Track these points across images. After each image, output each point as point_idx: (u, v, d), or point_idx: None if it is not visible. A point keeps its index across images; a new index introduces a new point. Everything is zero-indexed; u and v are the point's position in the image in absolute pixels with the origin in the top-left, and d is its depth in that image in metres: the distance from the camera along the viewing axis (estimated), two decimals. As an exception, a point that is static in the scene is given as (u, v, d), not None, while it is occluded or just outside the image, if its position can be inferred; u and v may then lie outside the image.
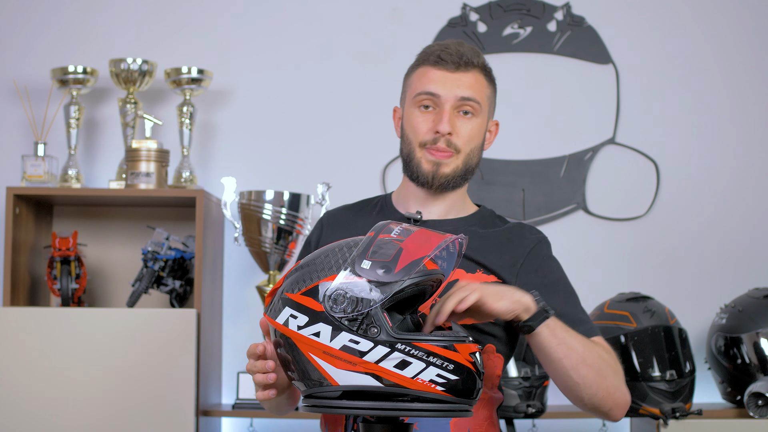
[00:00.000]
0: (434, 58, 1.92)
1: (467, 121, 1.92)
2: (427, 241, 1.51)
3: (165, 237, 3.13)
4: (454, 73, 1.91)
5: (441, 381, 1.46)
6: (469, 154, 1.94)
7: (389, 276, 1.47)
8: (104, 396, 2.89)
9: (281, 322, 1.53)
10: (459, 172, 1.93)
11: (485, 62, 1.96)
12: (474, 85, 1.92)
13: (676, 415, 2.87)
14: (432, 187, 1.93)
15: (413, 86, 1.95)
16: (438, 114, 1.90)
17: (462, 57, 1.91)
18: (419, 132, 1.92)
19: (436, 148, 1.90)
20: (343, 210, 2.06)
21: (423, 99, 1.91)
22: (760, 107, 3.45)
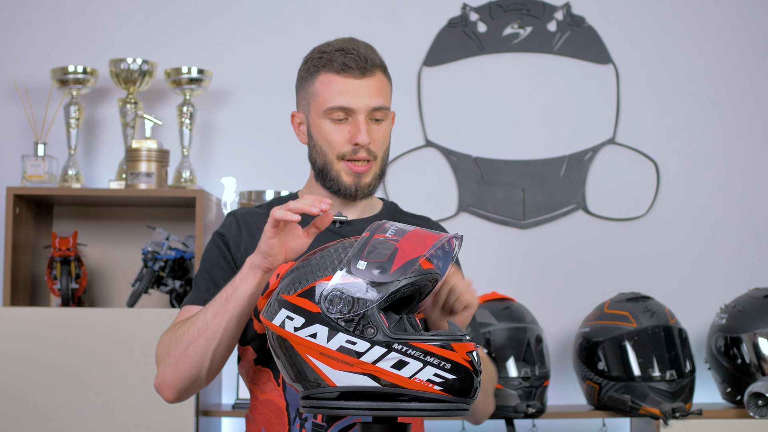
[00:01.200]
0: (338, 65, 1.90)
1: (379, 126, 1.93)
2: (422, 241, 1.52)
3: (165, 237, 3.13)
4: (361, 80, 1.90)
5: (438, 380, 1.46)
6: (383, 158, 1.96)
7: (385, 276, 1.47)
8: (104, 396, 2.89)
9: (277, 324, 1.53)
10: (377, 177, 1.95)
11: (382, 59, 1.96)
12: (381, 90, 1.92)
13: (676, 415, 2.87)
14: (356, 198, 1.95)
15: (320, 97, 1.92)
16: (353, 125, 1.90)
17: (366, 60, 1.91)
18: (335, 144, 1.91)
19: (356, 158, 1.91)
20: (252, 211, 2.00)
21: (335, 113, 1.90)
22: (761, 107, 3.45)
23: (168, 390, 1.82)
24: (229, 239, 1.95)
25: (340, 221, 1.93)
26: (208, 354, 1.77)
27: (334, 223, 1.93)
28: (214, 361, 1.78)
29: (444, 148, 3.40)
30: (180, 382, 1.80)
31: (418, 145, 3.43)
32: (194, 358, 1.77)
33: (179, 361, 1.78)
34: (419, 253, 1.49)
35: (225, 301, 1.75)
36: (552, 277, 3.37)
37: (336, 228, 1.94)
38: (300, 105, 2.00)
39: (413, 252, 1.49)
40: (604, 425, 3.17)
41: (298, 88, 2.00)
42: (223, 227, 1.98)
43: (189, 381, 1.80)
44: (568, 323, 3.29)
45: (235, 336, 1.78)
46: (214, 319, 1.75)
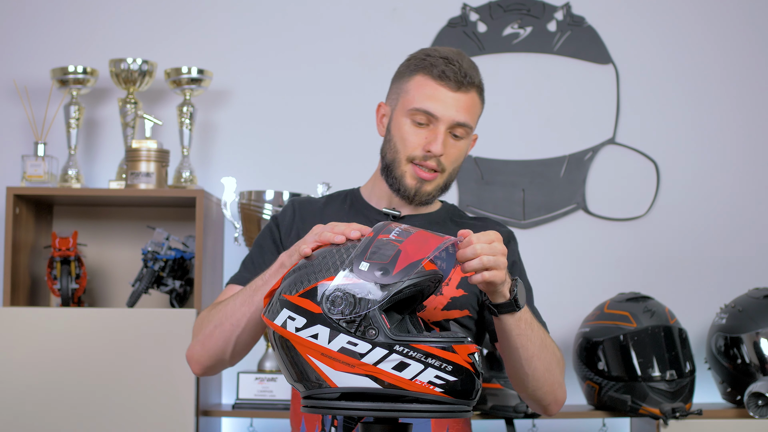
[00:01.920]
0: (437, 71, 1.90)
1: (456, 143, 1.93)
2: (425, 243, 1.52)
3: (165, 237, 3.13)
4: (455, 93, 1.90)
5: (439, 382, 1.46)
6: (452, 173, 1.96)
7: (387, 278, 1.47)
8: (104, 396, 2.89)
9: (279, 324, 1.53)
10: (439, 189, 1.96)
11: (481, 79, 1.96)
12: (470, 109, 1.92)
13: (676, 415, 2.87)
14: (412, 202, 1.96)
15: (410, 96, 1.93)
16: (432, 132, 1.90)
17: (466, 76, 1.90)
18: (409, 146, 1.92)
19: (424, 165, 1.91)
20: (312, 201, 2.05)
21: (418, 115, 1.91)
22: (761, 107, 3.45)
23: (195, 364, 1.90)
24: (281, 223, 1.99)
25: (392, 215, 1.94)
26: (231, 339, 1.82)
27: (386, 216, 1.95)
28: (237, 346, 1.84)
29: (444, 148, 3.40)
30: (205, 360, 1.88)
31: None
32: (219, 341, 1.83)
33: (207, 339, 1.85)
34: (422, 256, 1.49)
35: (253, 292, 1.79)
36: (552, 277, 3.37)
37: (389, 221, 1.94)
38: (389, 98, 2.00)
39: (416, 254, 1.49)
40: (604, 425, 3.17)
41: (393, 81, 2.00)
42: (280, 213, 2.02)
43: (214, 360, 1.87)
44: (568, 323, 3.29)
45: (260, 326, 1.81)
46: (241, 307, 1.80)
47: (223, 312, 1.83)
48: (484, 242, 1.64)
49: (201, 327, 1.88)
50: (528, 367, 1.82)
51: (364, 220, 1.95)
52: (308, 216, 1.98)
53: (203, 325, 1.87)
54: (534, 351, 1.81)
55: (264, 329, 1.84)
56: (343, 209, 2.02)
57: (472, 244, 1.63)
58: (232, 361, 1.87)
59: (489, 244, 1.64)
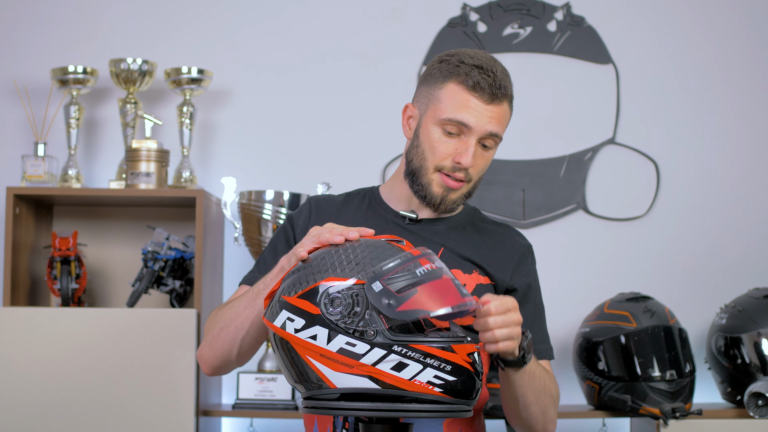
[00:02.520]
0: (472, 82, 1.85)
1: (485, 153, 1.90)
2: (444, 296, 1.49)
3: (165, 237, 3.13)
4: (488, 105, 1.85)
5: (439, 382, 1.46)
6: (477, 182, 1.93)
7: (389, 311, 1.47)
8: (104, 396, 2.89)
9: (278, 325, 1.53)
10: (464, 197, 1.93)
11: (512, 89, 1.92)
12: (502, 119, 1.88)
13: (676, 415, 2.87)
14: (437, 210, 1.93)
15: (443, 105, 1.87)
16: (463, 144, 1.86)
17: (500, 88, 1.86)
18: (439, 155, 1.87)
19: (453, 176, 1.88)
20: (331, 200, 2.03)
21: (450, 126, 1.86)
22: (761, 107, 3.45)
23: (204, 364, 1.91)
24: (296, 223, 1.98)
25: (409, 218, 1.93)
26: (236, 341, 1.82)
27: (403, 219, 1.94)
28: (242, 347, 1.84)
29: (444, 148, 3.40)
30: (213, 360, 1.88)
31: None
32: (225, 342, 1.84)
33: (214, 340, 1.86)
34: (429, 309, 1.47)
35: (255, 295, 1.79)
36: (552, 277, 3.37)
37: (405, 224, 1.94)
38: (418, 100, 1.94)
39: (427, 303, 1.48)
40: (604, 425, 3.17)
41: (422, 82, 1.94)
42: (296, 212, 2.01)
43: (221, 361, 1.88)
44: (568, 323, 3.28)
45: (263, 328, 1.81)
46: (245, 310, 1.80)
47: (228, 314, 1.84)
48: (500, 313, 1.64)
49: (210, 328, 1.89)
50: (524, 412, 1.85)
51: (381, 221, 1.94)
52: (325, 215, 1.96)
53: (212, 325, 1.88)
54: (532, 398, 1.83)
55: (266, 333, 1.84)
56: (360, 209, 1.99)
57: (487, 318, 1.64)
58: (240, 361, 1.88)
59: (504, 314, 1.65)
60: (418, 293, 1.48)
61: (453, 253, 1.91)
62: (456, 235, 1.94)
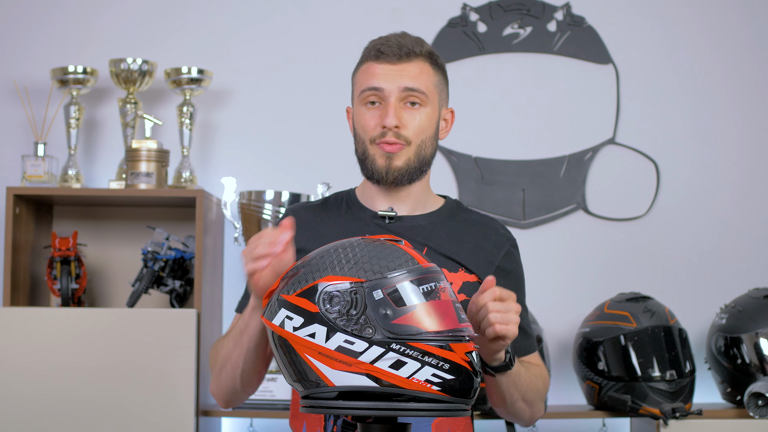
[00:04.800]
0: (375, 52, 1.90)
1: (415, 111, 1.89)
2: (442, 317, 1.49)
3: (165, 237, 3.13)
4: (396, 65, 1.89)
5: (437, 381, 1.46)
6: (421, 146, 1.91)
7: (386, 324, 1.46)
8: (104, 396, 2.89)
9: (277, 324, 1.53)
10: (413, 164, 1.90)
11: (431, 49, 1.94)
12: (419, 75, 1.89)
13: (676, 415, 2.87)
14: (387, 182, 1.91)
15: (358, 83, 1.94)
16: (384, 108, 1.89)
17: (402, 48, 1.89)
18: (368, 128, 1.91)
19: (385, 141, 1.88)
20: (308, 209, 2.02)
21: (368, 95, 1.90)
22: (761, 107, 3.45)
23: (217, 400, 1.95)
24: None
25: (388, 216, 1.92)
26: (236, 378, 1.86)
27: (383, 219, 1.93)
28: (243, 381, 1.87)
29: (444, 148, 3.40)
30: (223, 396, 1.92)
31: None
32: (227, 381, 1.88)
33: (217, 379, 1.91)
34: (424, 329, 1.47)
35: (239, 335, 1.81)
36: (552, 277, 3.37)
37: (385, 224, 1.93)
38: (351, 99, 2.00)
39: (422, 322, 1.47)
40: (604, 425, 3.17)
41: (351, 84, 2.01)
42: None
43: (229, 395, 1.92)
44: (568, 323, 3.29)
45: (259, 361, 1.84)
46: (234, 350, 1.83)
47: (222, 355, 1.87)
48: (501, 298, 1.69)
49: (212, 365, 1.94)
50: (511, 407, 1.89)
51: (361, 224, 1.93)
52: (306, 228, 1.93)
53: (213, 363, 1.93)
54: (519, 395, 1.86)
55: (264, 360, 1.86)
56: (340, 214, 1.99)
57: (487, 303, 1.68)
58: (247, 391, 1.91)
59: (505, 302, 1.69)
60: (416, 310, 1.48)
61: (437, 252, 1.90)
62: (439, 231, 1.93)
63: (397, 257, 1.53)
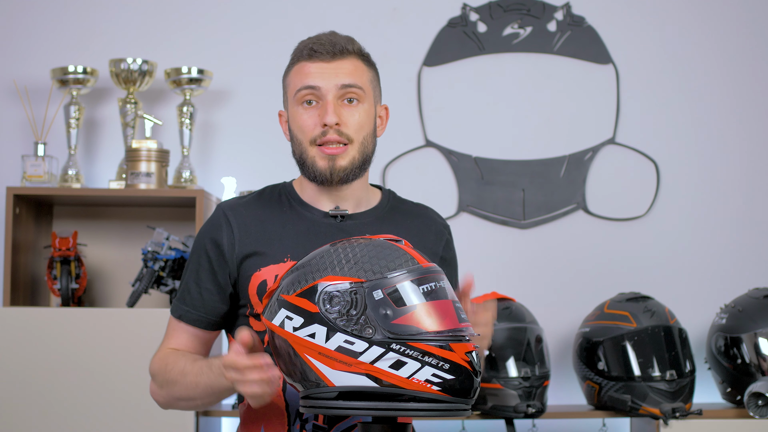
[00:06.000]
0: (307, 51, 1.88)
1: (353, 108, 1.87)
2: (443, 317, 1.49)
3: (165, 237, 3.13)
4: (330, 63, 1.87)
5: (437, 381, 1.46)
6: (363, 143, 1.88)
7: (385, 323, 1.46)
8: (104, 396, 2.89)
9: (277, 324, 1.53)
10: (357, 162, 1.87)
11: (361, 48, 1.92)
12: (353, 72, 1.88)
13: (676, 415, 2.87)
14: (332, 183, 1.87)
15: (292, 84, 1.90)
16: (322, 107, 1.85)
17: (335, 45, 1.87)
18: (307, 129, 1.87)
19: (327, 140, 1.85)
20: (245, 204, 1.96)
21: (304, 95, 1.87)
22: (761, 107, 3.45)
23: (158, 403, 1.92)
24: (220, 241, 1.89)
25: (340, 215, 1.90)
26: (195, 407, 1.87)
27: (335, 218, 1.89)
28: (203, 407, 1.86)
29: (444, 148, 3.40)
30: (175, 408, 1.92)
31: (418, 145, 3.42)
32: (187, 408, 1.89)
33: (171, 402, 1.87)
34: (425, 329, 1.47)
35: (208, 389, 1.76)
36: (552, 277, 3.37)
37: (338, 222, 1.89)
38: (283, 102, 1.98)
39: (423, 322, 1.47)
40: (604, 425, 3.17)
41: (282, 86, 1.98)
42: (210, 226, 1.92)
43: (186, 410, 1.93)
44: (568, 323, 3.29)
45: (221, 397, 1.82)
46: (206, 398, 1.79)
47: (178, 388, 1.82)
48: None
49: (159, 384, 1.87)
50: None
51: (309, 224, 1.88)
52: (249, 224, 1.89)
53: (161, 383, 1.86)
54: None
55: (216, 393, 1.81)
56: (283, 212, 1.93)
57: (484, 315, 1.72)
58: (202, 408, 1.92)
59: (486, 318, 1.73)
60: (417, 310, 1.48)
61: None
62: (387, 227, 1.90)
63: (397, 257, 1.53)
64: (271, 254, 1.81)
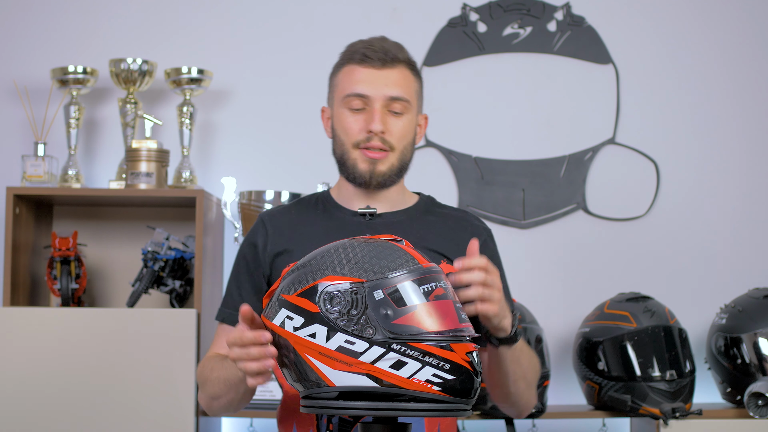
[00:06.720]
0: (359, 56, 1.93)
1: (398, 119, 1.94)
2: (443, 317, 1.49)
3: (165, 237, 3.13)
4: (380, 71, 1.92)
5: (437, 381, 1.46)
6: (403, 151, 1.96)
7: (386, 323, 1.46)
8: (104, 396, 2.89)
9: (278, 324, 1.53)
10: (395, 169, 1.96)
11: (410, 56, 1.97)
12: (401, 82, 1.94)
13: (676, 415, 2.87)
14: (370, 186, 1.95)
15: (341, 86, 1.96)
16: (369, 113, 1.92)
17: (387, 53, 1.92)
18: (351, 132, 1.94)
19: (370, 146, 1.92)
20: (282, 211, 2.04)
21: (352, 101, 1.93)
22: (761, 107, 3.45)
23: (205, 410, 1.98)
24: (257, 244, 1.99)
25: (369, 214, 1.94)
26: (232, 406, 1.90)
27: (363, 216, 1.96)
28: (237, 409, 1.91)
29: (444, 148, 3.40)
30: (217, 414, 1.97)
31: (418, 145, 3.41)
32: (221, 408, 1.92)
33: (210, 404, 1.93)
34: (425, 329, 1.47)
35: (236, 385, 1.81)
36: (552, 277, 3.37)
37: (367, 221, 1.96)
38: (328, 99, 2.03)
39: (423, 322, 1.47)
40: (604, 425, 3.17)
41: (328, 84, 2.03)
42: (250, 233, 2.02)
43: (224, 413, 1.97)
44: (568, 323, 3.29)
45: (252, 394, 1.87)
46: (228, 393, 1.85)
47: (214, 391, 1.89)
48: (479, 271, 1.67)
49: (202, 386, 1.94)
50: (513, 387, 1.88)
51: (339, 222, 1.96)
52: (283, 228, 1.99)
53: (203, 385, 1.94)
54: (521, 373, 1.87)
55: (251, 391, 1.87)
56: (317, 214, 2.01)
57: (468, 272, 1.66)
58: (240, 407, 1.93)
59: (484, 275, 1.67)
60: (417, 310, 1.48)
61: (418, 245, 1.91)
62: (417, 226, 1.97)
63: (397, 257, 1.53)
64: (300, 251, 1.85)
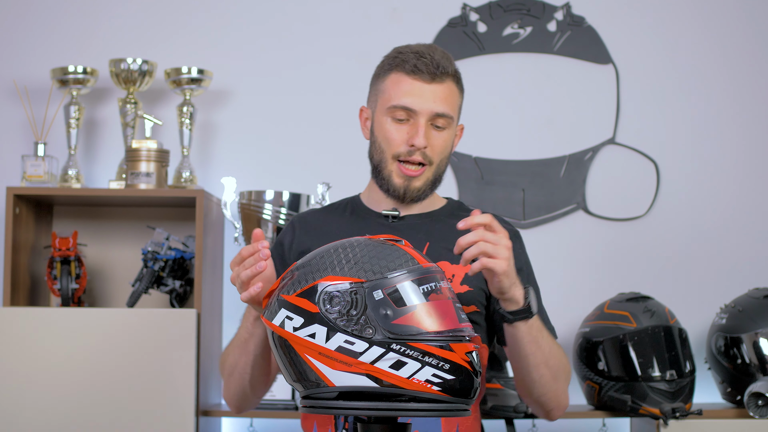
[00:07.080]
0: (410, 66, 1.93)
1: (440, 133, 1.94)
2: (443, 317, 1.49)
3: (165, 237, 3.13)
4: (429, 84, 1.92)
5: (437, 381, 1.46)
6: (440, 164, 1.97)
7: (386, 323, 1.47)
8: (104, 396, 2.89)
9: (277, 324, 1.53)
10: (429, 183, 1.97)
11: (456, 68, 1.97)
12: (448, 98, 1.94)
13: (676, 415, 2.87)
14: (403, 201, 1.98)
15: (387, 94, 1.95)
16: (413, 127, 1.92)
17: (438, 67, 1.92)
18: (393, 144, 1.94)
19: (410, 161, 1.93)
20: (313, 213, 2.09)
21: (397, 111, 1.93)
22: (761, 107, 3.45)
23: (229, 405, 2.02)
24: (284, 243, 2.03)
25: (393, 216, 1.96)
26: (245, 384, 1.91)
27: (386, 218, 1.98)
28: (253, 386, 1.92)
29: (444, 148, 3.40)
30: (233, 401, 1.99)
31: (418, 145, 3.42)
32: (236, 387, 1.94)
33: (227, 385, 1.96)
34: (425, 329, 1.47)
35: (245, 343, 1.86)
36: (552, 277, 3.37)
37: (389, 222, 1.99)
38: (369, 100, 2.03)
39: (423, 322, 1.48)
40: (604, 425, 3.17)
41: (371, 83, 2.03)
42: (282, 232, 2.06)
43: (240, 401, 1.98)
44: (568, 323, 3.28)
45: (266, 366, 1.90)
46: (240, 357, 1.88)
47: (230, 363, 1.92)
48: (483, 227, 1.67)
49: (222, 370, 1.98)
50: (536, 373, 1.86)
51: (365, 225, 1.98)
52: (311, 229, 2.02)
53: (223, 369, 1.97)
54: (543, 358, 1.84)
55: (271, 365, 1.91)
56: (344, 218, 2.04)
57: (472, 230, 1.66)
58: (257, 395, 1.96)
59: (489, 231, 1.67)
60: (417, 310, 1.48)
61: (439, 245, 1.92)
62: (440, 227, 1.97)
63: (397, 257, 1.53)
64: None
